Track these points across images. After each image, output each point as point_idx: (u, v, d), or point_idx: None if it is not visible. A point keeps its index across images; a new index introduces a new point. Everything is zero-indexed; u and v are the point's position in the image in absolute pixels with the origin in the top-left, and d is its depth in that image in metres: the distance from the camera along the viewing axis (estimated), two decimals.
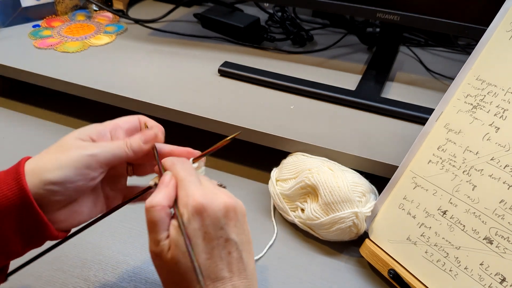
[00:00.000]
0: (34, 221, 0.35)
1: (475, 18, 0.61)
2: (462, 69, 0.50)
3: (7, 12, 0.86)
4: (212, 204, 0.34)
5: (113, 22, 0.92)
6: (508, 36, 0.47)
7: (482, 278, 0.43)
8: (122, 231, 0.57)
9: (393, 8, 0.65)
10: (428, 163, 0.50)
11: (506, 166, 0.43)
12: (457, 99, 0.49)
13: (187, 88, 0.70)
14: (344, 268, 0.54)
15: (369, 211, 0.53)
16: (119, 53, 0.80)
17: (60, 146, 0.36)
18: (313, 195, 0.55)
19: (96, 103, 0.71)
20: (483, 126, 0.46)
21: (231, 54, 0.81)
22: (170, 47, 0.83)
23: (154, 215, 0.34)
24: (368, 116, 0.66)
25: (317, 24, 0.96)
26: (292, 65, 0.79)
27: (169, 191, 0.35)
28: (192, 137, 0.73)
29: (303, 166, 0.57)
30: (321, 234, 0.55)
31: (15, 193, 0.33)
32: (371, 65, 0.77)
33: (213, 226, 0.34)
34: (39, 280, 0.50)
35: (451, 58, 0.86)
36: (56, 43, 0.82)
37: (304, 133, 0.61)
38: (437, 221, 0.47)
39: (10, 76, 0.76)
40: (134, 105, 0.68)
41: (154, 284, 0.50)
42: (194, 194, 0.34)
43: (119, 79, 0.72)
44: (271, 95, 0.70)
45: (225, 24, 0.86)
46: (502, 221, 0.43)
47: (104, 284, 0.50)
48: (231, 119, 0.63)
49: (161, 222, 0.34)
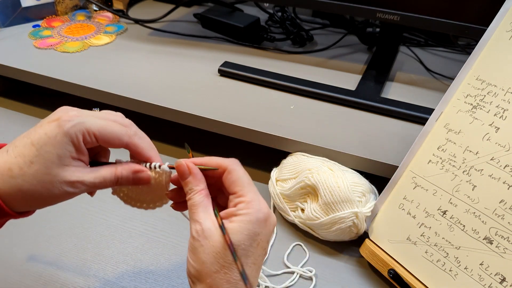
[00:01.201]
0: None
1: (475, 18, 0.61)
2: (462, 69, 0.50)
3: (7, 12, 0.86)
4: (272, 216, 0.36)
5: (113, 22, 0.92)
6: (508, 36, 0.47)
7: (482, 278, 0.43)
8: (122, 231, 0.57)
9: (393, 8, 0.65)
10: (428, 163, 0.50)
11: (506, 166, 0.43)
12: (457, 99, 0.49)
13: (187, 88, 0.70)
14: (344, 268, 0.54)
15: (369, 211, 0.53)
16: (119, 53, 0.80)
17: (34, 160, 0.33)
18: (313, 195, 0.55)
19: (96, 103, 0.71)
20: (483, 126, 0.46)
21: (231, 54, 0.81)
22: (170, 47, 0.83)
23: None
24: (368, 116, 0.66)
25: (317, 24, 0.96)
26: (292, 65, 0.79)
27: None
28: (192, 137, 0.73)
29: (303, 166, 0.57)
30: (321, 234, 0.55)
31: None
32: (371, 65, 0.77)
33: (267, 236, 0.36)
34: (39, 280, 0.50)
35: (451, 58, 0.86)
36: (56, 43, 0.82)
37: (304, 133, 0.61)
38: (437, 221, 0.47)
39: (10, 76, 0.76)
40: (134, 105, 0.68)
41: (154, 284, 0.50)
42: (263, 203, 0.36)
43: (119, 79, 0.72)
44: (271, 95, 0.70)
45: (225, 24, 0.86)
46: (502, 221, 0.43)
47: (104, 284, 0.50)
48: (231, 119, 0.63)
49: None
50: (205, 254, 0.33)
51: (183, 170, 0.37)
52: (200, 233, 0.34)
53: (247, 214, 0.34)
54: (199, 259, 0.33)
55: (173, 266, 0.53)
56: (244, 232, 0.34)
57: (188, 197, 0.36)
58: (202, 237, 0.34)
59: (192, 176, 0.36)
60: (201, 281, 0.34)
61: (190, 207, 0.36)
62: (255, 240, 0.34)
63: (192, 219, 0.35)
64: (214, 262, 0.33)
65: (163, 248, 0.55)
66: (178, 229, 0.57)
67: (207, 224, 0.34)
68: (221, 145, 0.70)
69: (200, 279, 0.34)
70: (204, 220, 0.34)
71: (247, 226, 0.34)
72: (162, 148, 0.70)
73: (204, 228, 0.34)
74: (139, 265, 0.53)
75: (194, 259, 0.34)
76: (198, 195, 0.36)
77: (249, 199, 0.35)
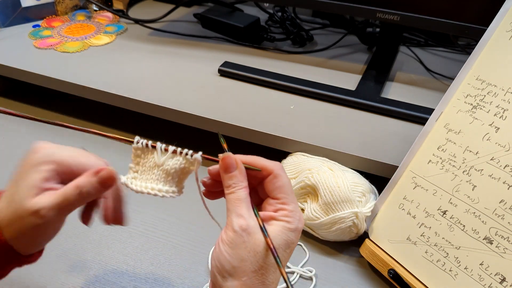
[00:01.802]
0: (7, 256, 0.35)
1: (475, 18, 0.61)
2: (462, 69, 0.50)
3: (7, 12, 0.86)
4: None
5: (113, 22, 0.92)
6: (508, 36, 0.47)
7: (482, 278, 0.43)
8: (122, 231, 0.57)
9: (393, 8, 0.65)
10: (428, 163, 0.50)
11: (506, 166, 0.43)
12: (457, 99, 0.49)
13: (187, 88, 0.70)
14: (344, 268, 0.54)
15: (369, 211, 0.53)
16: (119, 53, 0.80)
17: (12, 199, 0.34)
18: (313, 195, 0.55)
19: (96, 103, 0.71)
20: (483, 126, 0.46)
21: (231, 54, 0.81)
22: (170, 47, 0.83)
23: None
24: (368, 116, 0.66)
25: (317, 24, 0.96)
26: (292, 65, 0.79)
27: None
28: (192, 137, 0.73)
29: (303, 166, 0.57)
30: (321, 234, 0.55)
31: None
32: (371, 65, 0.77)
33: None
34: (39, 280, 0.50)
35: (451, 58, 0.86)
36: (56, 43, 0.82)
37: (304, 133, 0.61)
38: (437, 221, 0.47)
39: (10, 76, 0.76)
40: (134, 105, 0.68)
41: (154, 284, 0.50)
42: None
43: (119, 79, 0.72)
44: (271, 95, 0.70)
45: (225, 24, 0.86)
46: (502, 221, 0.43)
47: (104, 284, 0.50)
48: (231, 119, 0.63)
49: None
50: (246, 251, 0.33)
51: (230, 163, 0.36)
52: (244, 229, 0.33)
53: (290, 223, 0.35)
54: (238, 255, 0.32)
55: (173, 266, 0.53)
56: (283, 238, 0.34)
57: (231, 190, 0.35)
58: (246, 233, 0.33)
59: (239, 171, 0.36)
60: (235, 278, 0.32)
61: (234, 201, 0.35)
62: (290, 247, 0.35)
63: (235, 213, 0.34)
64: (254, 261, 0.33)
65: (163, 248, 0.55)
66: (178, 229, 0.57)
67: (251, 221, 0.34)
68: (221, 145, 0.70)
69: (235, 276, 0.32)
70: (248, 217, 0.34)
71: (288, 233, 0.34)
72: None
73: (249, 225, 0.33)
74: (139, 265, 0.53)
75: (232, 254, 0.33)
76: (243, 190, 0.35)
77: (292, 208, 0.35)
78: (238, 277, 0.32)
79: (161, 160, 0.37)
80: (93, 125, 0.76)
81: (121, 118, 0.77)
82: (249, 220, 0.34)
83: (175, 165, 0.37)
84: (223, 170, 0.36)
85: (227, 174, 0.36)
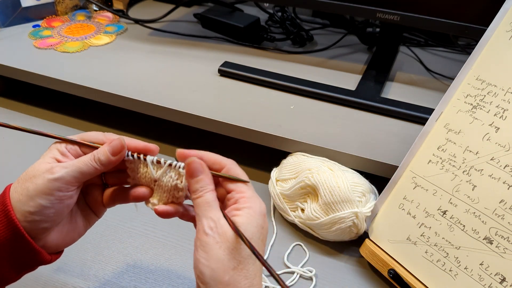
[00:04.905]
0: (27, 250, 0.35)
1: (475, 18, 0.61)
2: (462, 69, 0.50)
3: (7, 12, 0.86)
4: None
5: (113, 22, 0.92)
6: (508, 36, 0.47)
7: (482, 278, 0.43)
8: (122, 231, 0.57)
9: (393, 8, 0.65)
10: (428, 163, 0.50)
11: (506, 166, 0.43)
12: (457, 99, 0.49)
13: (187, 88, 0.70)
14: (344, 268, 0.54)
15: (369, 211, 0.53)
16: (119, 53, 0.80)
17: (27, 173, 0.36)
18: (313, 195, 0.55)
19: (96, 103, 0.71)
20: (483, 126, 0.46)
21: (231, 54, 0.81)
22: (170, 47, 0.83)
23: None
24: (368, 116, 0.66)
25: (317, 24, 0.96)
26: (292, 65, 0.79)
27: None
28: (192, 137, 0.73)
29: (303, 166, 0.57)
30: (321, 234, 0.55)
31: (6, 227, 0.34)
32: (371, 65, 0.77)
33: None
34: (39, 280, 0.50)
35: (451, 58, 0.86)
36: (56, 43, 0.82)
37: (304, 133, 0.61)
38: (437, 221, 0.47)
39: (10, 76, 0.76)
40: (134, 105, 0.68)
41: (154, 284, 0.50)
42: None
43: (119, 79, 0.72)
44: (271, 95, 0.70)
45: (225, 24, 0.86)
46: (502, 221, 0.43)
47: (104, 284, 0.50)
48: (231, 119, 0.63)
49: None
50: (221, 250, 0.32)
51: (197, 168, 0.36)
52: (214, 229, 0.33)
53: (251, 208, 0.34)
54: (214, 256, 0.32)
55: (173, 266, 0.53)
56: (253, 224, 0.34)
57: (198, 194, 0.35)
58: (217, 232, 0.33)
59: (205, 174, 0.36)
60: (218, 280, 0.32)
61: (202, 205, 0.35)
62: (261, 233, 0.34)
63: (205, 216, 0.34)
64: (231, 258, 0.32)
65: (163, 248, 0.55)
66: (178, 229, 0.57)
67: (221, 220, 0.33)
68: (221, 145, 0.70)
69: (216, 279, 0.32)
70: (218, 217, 0.34)
71: (254, 219, 0.34)
72: (162, 148, 0.70)
73: (218, 224, 0.33)
74: (139, 265, 0.53)
75: (207, 257, 0.32)
76: (211, 193, 0.35)
77: (249, 195, 0.36)
78: (220, 278, 0.32)
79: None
80: (93, 125, 0.76)
81: (121, 118, 0.77)
82: (219, 220, 0.34)
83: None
84: (189, 175, 0.36)
85: (193, 178, 0.36)
